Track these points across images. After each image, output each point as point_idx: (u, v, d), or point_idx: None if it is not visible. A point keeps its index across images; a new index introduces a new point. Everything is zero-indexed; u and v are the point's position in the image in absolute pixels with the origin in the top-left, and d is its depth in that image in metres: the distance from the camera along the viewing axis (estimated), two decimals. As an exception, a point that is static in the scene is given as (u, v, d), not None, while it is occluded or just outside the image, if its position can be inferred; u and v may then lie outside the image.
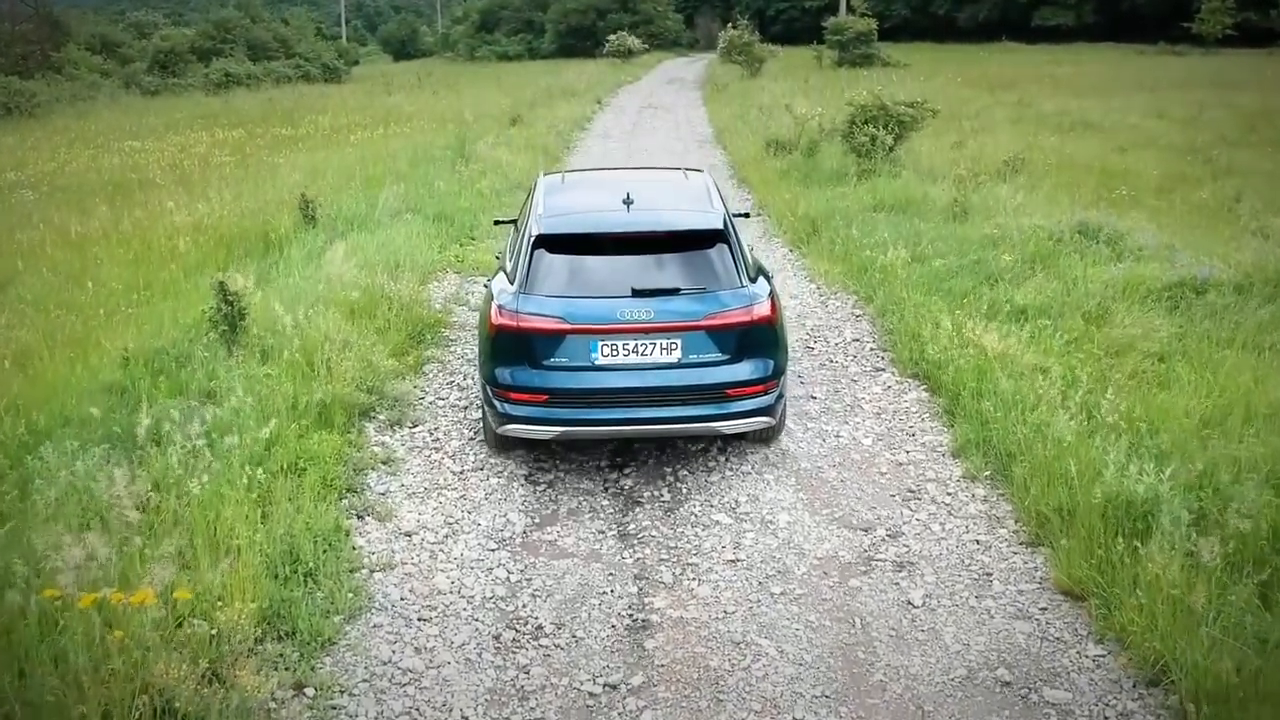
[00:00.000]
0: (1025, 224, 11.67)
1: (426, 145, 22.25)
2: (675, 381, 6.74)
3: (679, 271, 6.90)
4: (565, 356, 6.71)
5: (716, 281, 6.86)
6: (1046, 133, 22.98)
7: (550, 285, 6.83)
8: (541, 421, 6.80)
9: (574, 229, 7.18)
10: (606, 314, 6.67)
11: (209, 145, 26.61)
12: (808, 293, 11.47)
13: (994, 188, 15.40)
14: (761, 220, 15.41)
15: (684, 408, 6.78)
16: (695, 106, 34.35)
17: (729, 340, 6.75)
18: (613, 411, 6.79)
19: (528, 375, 6.75)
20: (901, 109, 16.42)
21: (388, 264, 11.35)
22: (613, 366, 6.72)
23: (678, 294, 6.76)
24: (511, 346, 6.79)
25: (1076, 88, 32.65)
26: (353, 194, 15.33)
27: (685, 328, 6.67)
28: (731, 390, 6.80)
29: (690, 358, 6.73)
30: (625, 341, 6.67)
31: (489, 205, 15.48)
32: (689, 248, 6.98)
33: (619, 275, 6.83)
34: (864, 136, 15.81)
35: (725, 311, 6.75)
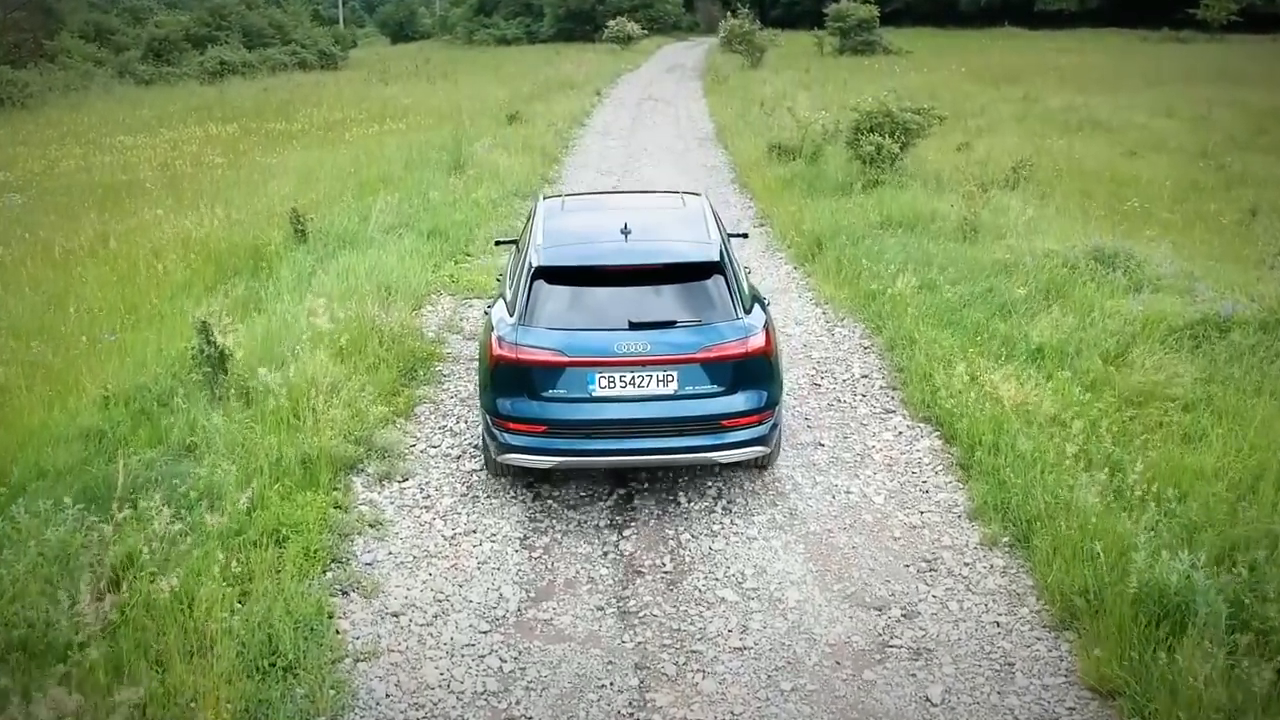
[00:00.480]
0: (1038, 248, 11.26)
1: (422, 144, 21.79)
2: (671, 413, 6.78)
3: (675, 303, 6.92)
4: (563, 388, 6.76)
5: (712, 313, 6.88)
6: (1054, 133, 22.53)
7: (549, 317, 6.85)
8: (540, 451, 6.85)
9: (572, 261, 7.17)
10: (604, 347, 6.70)
11: (201, 142, 26.15)
12: (813, 318, 11.07)
13: (1003, 198, 15.00)
14: (764, 232, 15.00)
15: (680, 438, 6.84)
16: (695, 99, 33.82)
17: (724, 372, 6.79)
18: (610, 442, 6.84)
19: (526, 406, 6.80)
20: (908, 115, 15.96)
21: (379, 290, 10.94)
22: (610, 398, 6.75)
23: (674, 326, 6.79)
24: (511, 378, 6.83)
25: (1082, 81, 32.11)
26: (345, 205, 14.91)
27: (681, 360, 6.72)
28: (727, 421, 6.84)
29: (686, 389, 6.76)
30: (622, 374, 6.71)
31: (485, 217, 15.06)
32: (686, 279, 7.00)
33: (616, 307, 6.86)
34: (869, 146, 15.37)
35: (720, 344, 6.78)
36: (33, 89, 36.33)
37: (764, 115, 24.66)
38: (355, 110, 30.27)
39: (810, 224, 13.76)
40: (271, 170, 20.44)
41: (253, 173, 20.21)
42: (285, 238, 13.38)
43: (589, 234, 7.71)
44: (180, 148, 25.05)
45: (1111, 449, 7.15)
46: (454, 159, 18.46)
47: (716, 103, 31.13)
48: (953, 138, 21.89)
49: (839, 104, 27.21)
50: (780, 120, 23.03)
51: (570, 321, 6.84)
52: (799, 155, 18.04)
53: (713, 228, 7.59)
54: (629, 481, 7.60)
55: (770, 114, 24.54)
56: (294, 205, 13.70)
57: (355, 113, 29.69)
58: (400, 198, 15.41)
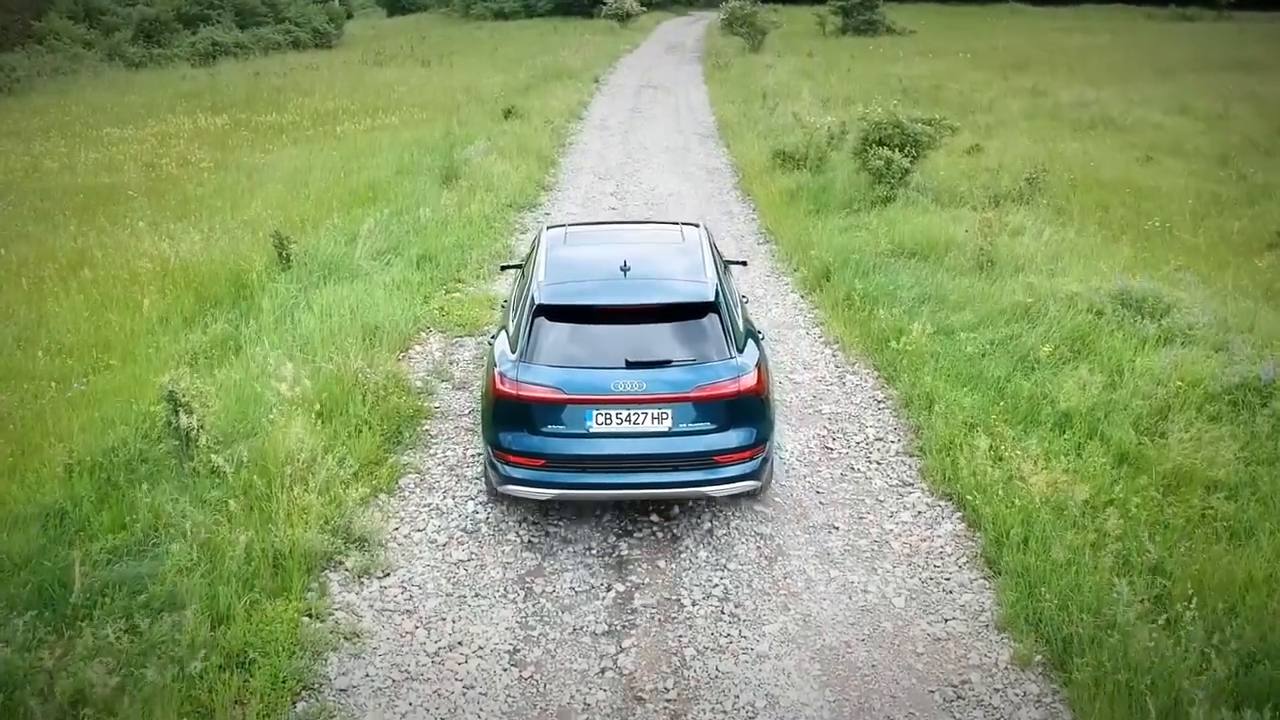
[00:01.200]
0: (1060, 289, 10.61)
1: (415, 144, 21.06)
2: (666, 449, 6.95)
3: (671, 342, 7.05)
4: (562, 424, 6.92)
5: (706, 353, 7.01)
6: (1066, 132, 21.83)
7: (549, 354, 7.00)
8: (539, 484, 7.03)
9: (572, 300, 7.24)
10: (601, 385, 6.85)
11: (190, 137, 25.39)
12: (823, 361, 10.44)
13: (1018, 214, 14.37)
14: (769, 251, 14.35)
15: (674, 474, 6.98)
16: (695, 85, 32.97)
17: (717, 410, 6.95)
18: (606, 476, 7.01)
19: (526, 440, 6.97)
20: (918, 127, 15.24)
21: (363, 334, 10.31)
22: (607, 434, 6.92)
23: (669, 365, 6.92)
24: (512, 413, 6.99)
25: (1091, 70, 31.31)
26: (331, 225, 14.20)
27: (675, 399, 6.87)
28: (719, 457, 6.99)
29: (680, 427, 6.92)
30: (619, 411, 6.88)
31: (478, 236, 14.37)
32: (681, 317, 7.13)
33: (614, 345, 7.00)
34: (878, 160, 14.68)
35: (713, 384, 6.91)
36: (20, 74, 35.40)
37: (766, 112, 23.90)
38: (347, 100, 29.47)
39: (818, 247, 13.09)
40: (259, 172, 19.74)
41: (240, 176, 19.50)
42: (269, 262, 12.72)
43: (589, 270, 7.71)
44: (167, 143, 24.31)
45: (1149, 548, 6.57)
46: (446, 167, 17.72)
47: (717, 92, 30.31)
48: (962, 138, 21.17)
49: (843, 97, 26.51)
50: (783, 120, 22.31)
51: (569, 359, 6.97)
52: (805, 163, 17.33)
53: (709, 264, 7.67)
54: (628, 576, 7.01)
55: (773, 110, 23.79)
56: (277, 228, 13.00)
57: (347, 102, 28.89)
58: (390, 213, 14.73)
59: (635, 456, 6.94)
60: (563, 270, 7.60)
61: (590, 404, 6.85)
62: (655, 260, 7.83)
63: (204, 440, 7.86)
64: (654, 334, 7.06)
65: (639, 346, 6.95)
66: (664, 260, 7.92)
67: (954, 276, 11.68)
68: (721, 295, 7.27)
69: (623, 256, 7.45)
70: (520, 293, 7.97)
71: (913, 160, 15.29)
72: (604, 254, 7.92)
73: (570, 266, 7.73)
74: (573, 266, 7.75)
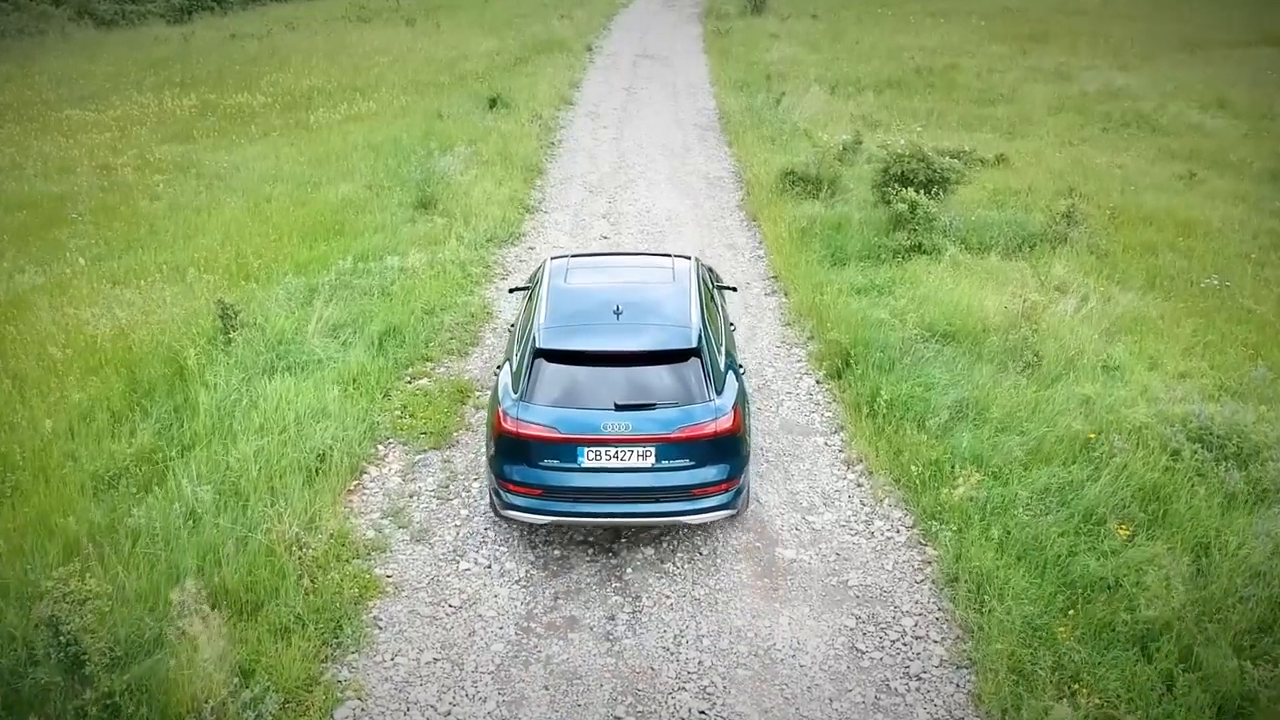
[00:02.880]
0: (1124, 413, 8.94)
1: (391, 144, 19.19)
2: (649, 483, 7.54)
3: (656, 384, 7.59)
4: (557, 459, 7.51)
5: (688, 395, 7.57)
6: (1096, 133, 19.93)
7: (546, 394, 7.57)
8: (536, 511, 7.64)
9: (569, 345, 7.74)
10: (593, 425, 7.42)
11: (154, 122, 23.56)
12: (845, 494, 8.81)
13: (1054, 257, 12.71)
14: (778, 306, 12.64)
15: (656, 504, 7.60)
16: (694, 55, 30.80)
17: (696, 449, 7.51)
18: (596, 506, 7.59)
19: (525, 472, 7.58)
20: (946, 162, 13.43)
21: (306, 463, 8.69)
22: (597, 469, 7.51)
23: (654, 408, 7.48)
24: (513, 448, 7.59)
25: (1115, 43, 29.17)
26: (287, 282, 12.43)
27: (658, 440, 7.44)
28: (698, 490, 7.59)
29: (663, 463, 7.49)
30: (608, 449, 7.47)
31: (452, 293, 12.60)
32: (666, 362, 7.67)
33: (605, 386, 7.55)
34: (902, 204, 12.88)
35: (693, 425, 7.48)
36: (-18, 37, 33.24)
37: (772, 101, 21.95)
38: (324, 75, 27.43)
39: (835, 320, 11.37)
40: (220, 182, 17.91)
41: (198, 186, 17.66)
42: (213, 332, 11.03)
43: (585, 313, 8.15)
44: (129, 133, 22.41)
45: None
46: (422, 187, 15.87)
47: (718, 66, 28.21)
48: (986, 138, 19.34)
49: (853, 80, 24.51)
50: (790, 117, 20.45)
51: (565, 398, 7.54)
52: (816, 188, 15.53)
53: (695, 307, 8.19)
54: None
55: (778, 102, 21.84)
56: (221, 298, 11.27)
57: (323, 79, 26.86)
58: (354, 262, 12.96)
59: (622, 489, 7.52)
60: (561, 312, 8.13)
61: (582, 443, 7.43)
62: (646, 303, 8.29)
63: (91, 667, 6.28)
64: (641, 376, 7.61)
65: (627, 387, 7.54)
66: (654, 303, 8.34)
67: (994, 371, 10.01)
68: (704, 339, 7.82)
69: (616, 300, 8.09)
70: (525, 325, 8.45)
71: (939, 197, 13.53)
72: (600, 293, 8.38)
73: (569, 307, 8.23)
74: (571, 307, 8.23)
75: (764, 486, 8.91)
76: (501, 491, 7.71)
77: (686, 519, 7.64)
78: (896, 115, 21.55)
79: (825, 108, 21.30)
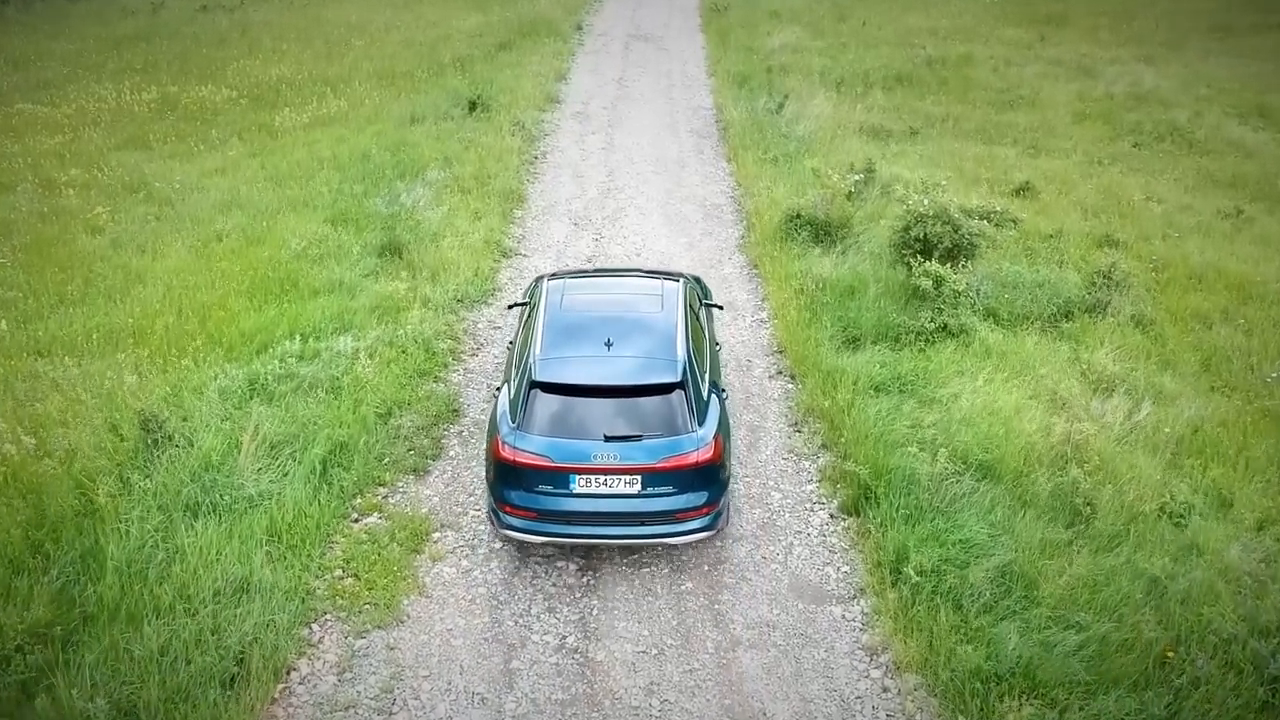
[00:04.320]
0: (1208, 619, 7.29)
1: (359, 161, 17.35)
2: (635, 508, 7.97)
3: (642, 415, 7.97)
4: (550, 485, 7.93)
5: (672, 426, 7.94)
6: (1127, 152, 18.08)
7: (541, 423, 7.94)
8: (531, 531, 8.05)
9: (562, 379, 8.04)
10: (583, 455, 7.84)
11: (110, 122, 21.54)
12: (869, 704, 7.21)
13: (1095, 332, 11.06)
14: (783, 394, 10.98)
15: (642, 527, 8.00)
16: (691, 36, 28.68)
17: (678, 477, 7.92)
18: (586, 528, 8.00)
19: (521, 496, 7.99)
20: (974, 226, 11.65)
21: (213, 674, 7.08)
22: (587, 494, 7.93)
23: (640, 440, 7.86)
24: (510, 473, 7.99)
25: (1138, 28, 27.08)
26: (224, 372, 10.70)
27: (643, 469, 7.87)
28: (680, 514, 7.99)
29: (648, 490, 7.91)
30: (597, 477, 7.90)
31: (414, 381, 10.87)
32: (652, 394, 8.02)
33: (595, 417, 7.92)
34: (925, 279, 11.14)
35: (676, 455, 7.88)
36: (-63, 10, 30.95)
37: (773, 105, 20.02)
38: (294, 62, 25.39)
39: (850, 425, 9.73)
40: (169, 209, 16.06)
41: (145, 214, 15.80)
42: (133, 452, 9.38)
43: (578, 344, 8.42)
44: (81, 137, 20.43)
45: None
46: (387, 232, 14.06)
47: (716, 52, 26.14)
48: (1007, 154, 17.53)
49: (860, 74, 22.56)
50: (792, 127, 18.57)
51: (558, 428, 7.90)
52: (825, 233, 13.76)
53: (681, 337, 8.50)
54: None
55: (780, 106, 19.92)
56: (142, 409, 9.59)
57: (294, 68, 24.85)
58: (301, 344, 11.23)
59: (610, 513, 7.94)
60: (556, 342, 8.42)
61: (574, 471, 7.84)
62: (635, 335, 8.52)
63: None
64: (629, 407, 7.98)
65: (616, 418, 7.91)
66: (643, 334, 8.56)
67: (1041, 524, 8.38)
68: (688, 372, 8.16)
69: (608, 330, 8.40)
70: (522, 349, 8.76)
71: (966, 265, 11.79)
72: (593, 323, 8.63)
73: (563, 337, 8.49)
74: (565, 337, 8.50)
75: (769, 686, 7.33)
76: (500, 513, 8.11)
77: (669, 540, 8.09)
78: (909, 120, 19.69)
79: (831, 113, 19.38)
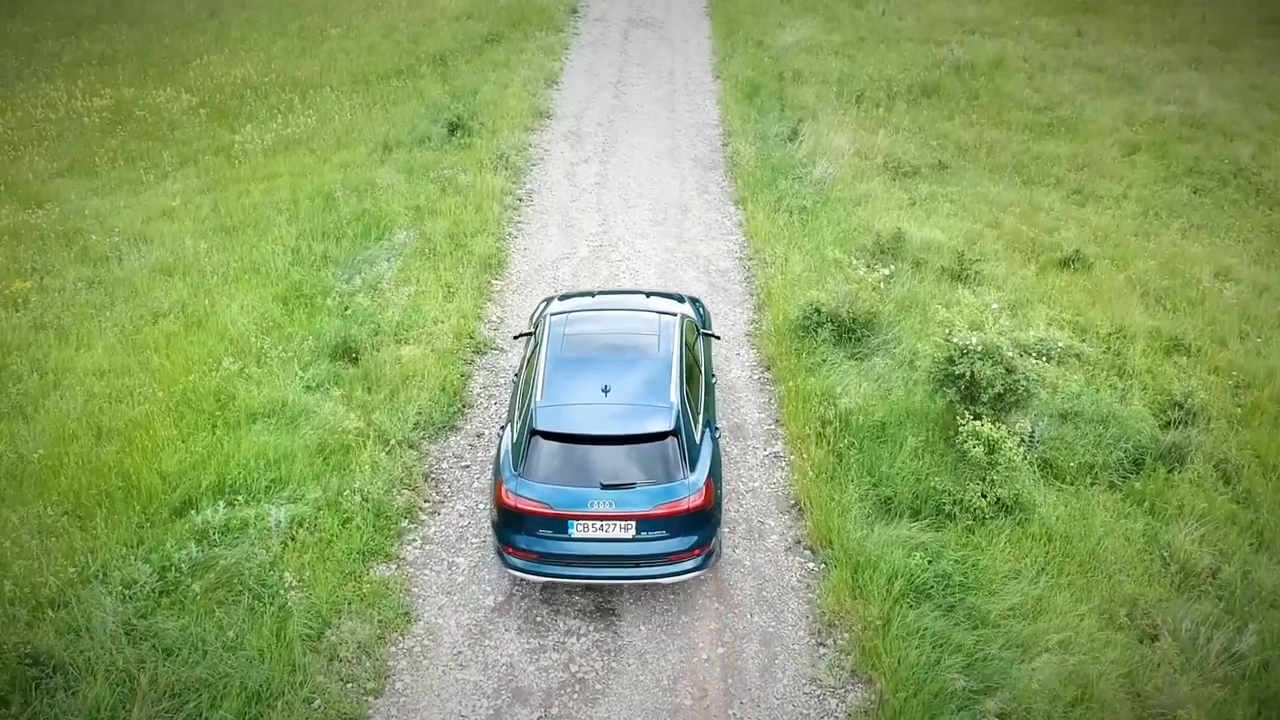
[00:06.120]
0: None
1: (320, 211, 15.13)
2: (630, 551, 8.24)
3: (637, 462, 8.23)
4: (550, 529, 8.23)
5: (665, 473, 8.23)
6: (1185, 199, 15.78)
7: (541, 471, 8.23)
8: (532, 572, 8.36)
9: (561, 428, 8.32)
10: (580, 502, 8.14)
11: (56, 135, 19.21)
12: None
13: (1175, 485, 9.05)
14: (803, 576, 9.00)
15: (636, 569, 8.30)
16: (695, 23, 26.00)
17: (671, 522, 8.21)
18: (584, 569, 8.31)
19: (523, 539, 8.30)
20: (1031, 367, 9.45)
21: None
22: (584, 538, 8.22)
23: (634, 487, 8.15)
24: (512, 518, 8.29)
25: (1183, 21, 24.46)
26: (124, 574, 8.64)
27: (637, 516, 8.15)
28: (673, 556, 8.29)
29: (642, 535, 8.19)
30: (594, 523, 8.18)
31: (355, 575, 8.83)
32: (647, 441, 8.29)
33: (593, 464, 8.21)
34: (976, 446, 9.02)
35: (669, 502, 8.17)
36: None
37: (786, 133, 17.65)
38: (264, 54, 22.94)
39: (888, 649, 7.76)
40: (104, 271, 13.89)
41: (76, 286, 13.59)
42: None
43: (577, 391, 8.65)
44: (21, 158, 18.15)
45: None
46: (342, 331, 11.87)
47: (723, 46, 23.54)
48: (1049, 199, 15.30)
49: (883, 83, 20.12)
50: (807, 168, 16.30)
51: (557, 475, 8.21)
52: (850, 335, 11.61)
53: (676, 381, 8.75)
54: None
55: (794, 132, 17.56)
56: (26, 640, 7.58)
57: (261, 63, 22.42)
58: (225, 514, 9.14)
59: (606, 556, 8.23)
60: (557, 388, 8.67)
61: (572, 517, 8.16)
62: (631, 378, 8.79)
63: None
64: (624, 453, 8.27)
65: (612, 464, 8.20)
66: (638, 378, 8.81)
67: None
68: (681, 420, 8.41)
69: (605, 376, 8.71)
70: (526, 387, 9.00)
71: (1019, 408, 9.69)
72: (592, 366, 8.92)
73: (563, 383, 8.73)
74: (565, 382, 8.74)
75: None
76: (503, 553, 8.46)
77: (662, 580, 8.38)
78: (937, 148, 17.35)
79: (850, 144, 17.03)
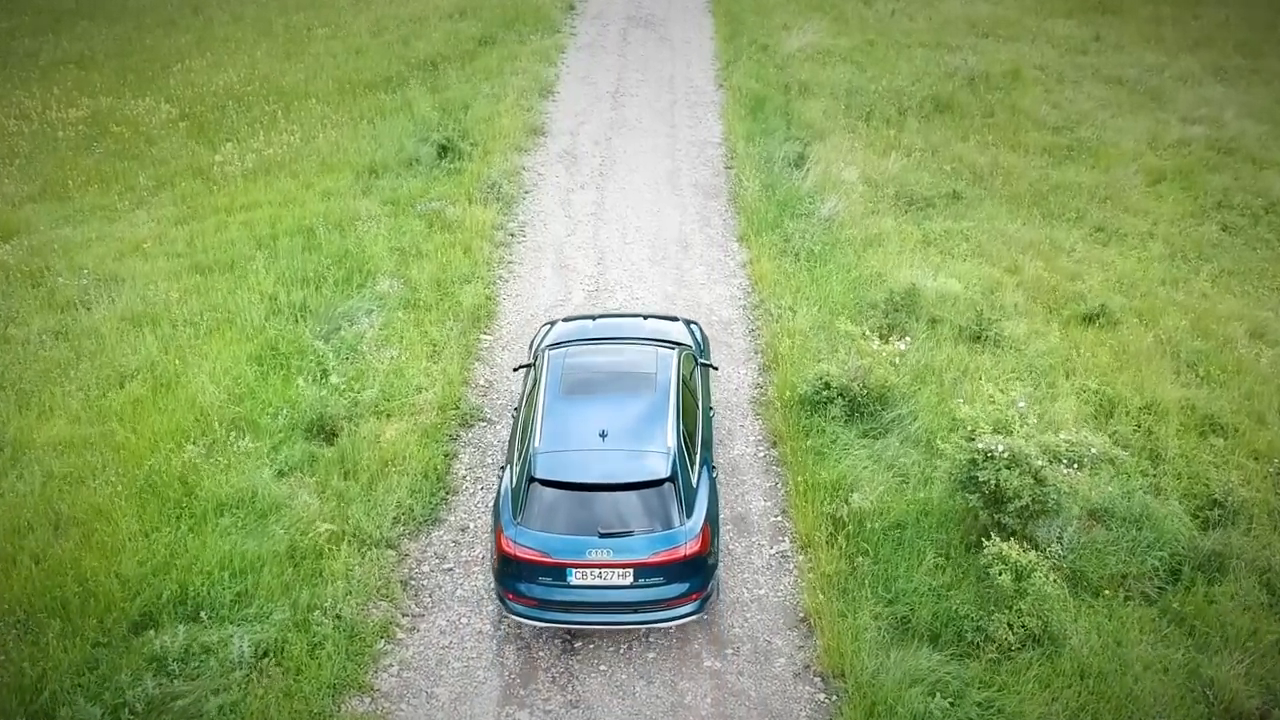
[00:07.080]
0: None
1: (300, 241, 14.22)
2: (628, 598, 8.19)
3: (634, 509, 8.20)
4: (549, 577, 8.16)
5: (663, 520, 8.18)
6: (1215, 238, 14.82)
7: (539, 519, 8.18)
8: (533, 618, 8.31)
9: (559, 476, 8.27)
10: (579, 550, 8.07)
11: (29, 151, 18.23)
12: None
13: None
14: (816, 707, 8.20)
15: (634, 614, 8.25)
16: (697, 22, 24.83)
17: (669, 570, 8.14)
18: (583, 615, 8.26)
19: (523, 586, 8.23)
20: (1061, 476, 8.55)
21: None
22: (583, 586, 8.16)
23: (631, 535, 8.10)
24: (512, 566, 8.22)
25: (1204, 27, 23.27)
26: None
27: (635, 564, 8.10)
28: (670, 601, 8.23)
29: (639, 581, 8.15)
30: (592, 571, 8.12)
31: (331, 698, 8.04)
32: (644, 487, 8.26)
33: (591, 511, 8.15)
34: (1003, 574, 8.15)
35: (666, 550, 8.10)
36: None
37: (792, 158, 16.66)
38: (248, 57, 21.85)
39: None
40: (71, 323, 12.97)
41: (41, 338, 12.66)
42: None
43: (575, 436, 8.59)
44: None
45: None
46: (319, 407, 10.95)
47: (726, 50, 22.41)
48: (1069, 236, 14.36)
49: (894, 95, 19.07)
50: (815, 203, 15.34)
51: (555, 523, 8.16)
52: (862, 411, 10.73)
53: (672, 424, 8.69)
54: None
55: (800, 157, 16.58)
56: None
57: (245, 68, 21.35)
58: (185, 641, 8.26)
59: (604, 602, 8.17)
60: (555, 433, 8.58)
61: (570, 566, 8.08)
62: (629, 415, 8.78)
63: None
64: (622, 500, 8.20)
65: (610, 511, 8.15)
66: (636, 415, 8.80)
67: None
68: (677, 466, 8.34)
69: (603, 420, 8.64)
70: (524, 430, 8.91)
71: (1047, 514, 8.84)
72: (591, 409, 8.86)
73: (561, 427, 8.65)
74: (563, 427, 8.65)
75: None
76: (504, 599, 8.39)
77: (660, 625, 8.32)
78: (951, 175, 16.37)
79: (859, 175, 16.05)
